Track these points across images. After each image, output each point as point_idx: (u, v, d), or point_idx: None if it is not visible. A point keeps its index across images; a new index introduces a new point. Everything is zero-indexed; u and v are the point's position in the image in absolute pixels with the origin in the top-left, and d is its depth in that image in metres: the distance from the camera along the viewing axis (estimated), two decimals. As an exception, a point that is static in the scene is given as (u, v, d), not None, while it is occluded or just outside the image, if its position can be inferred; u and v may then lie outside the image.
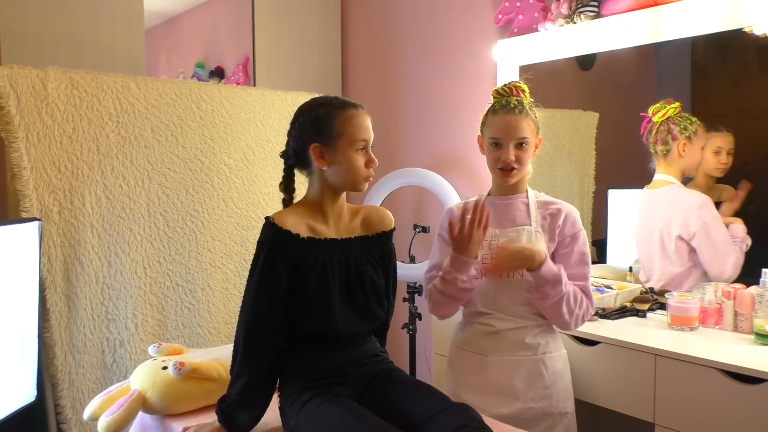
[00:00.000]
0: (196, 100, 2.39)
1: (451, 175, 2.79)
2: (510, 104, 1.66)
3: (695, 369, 1.63)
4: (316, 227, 1.47)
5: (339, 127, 1.43)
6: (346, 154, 1.43)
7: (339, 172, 1.45)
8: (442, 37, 2.91)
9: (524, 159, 1.65)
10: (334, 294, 1.45)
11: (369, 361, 1.53)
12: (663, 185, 2.14)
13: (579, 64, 2.44)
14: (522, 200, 1.71)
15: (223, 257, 2.47)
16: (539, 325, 1.67)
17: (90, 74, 2.13)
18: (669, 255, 2.10)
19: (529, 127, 1.64)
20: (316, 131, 1.44)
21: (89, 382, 2.11)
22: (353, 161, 1.43)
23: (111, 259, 2.16)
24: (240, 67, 3.40)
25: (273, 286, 1.41)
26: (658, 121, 2.12)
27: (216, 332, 2.43)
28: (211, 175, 2.43)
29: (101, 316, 2.14)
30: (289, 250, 1.41)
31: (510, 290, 1.66)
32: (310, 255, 1.43)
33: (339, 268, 1.47)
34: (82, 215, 2.09)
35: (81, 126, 2.10)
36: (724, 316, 1.87)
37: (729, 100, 2.10)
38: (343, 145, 1.43)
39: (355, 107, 1.46)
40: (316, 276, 1.43)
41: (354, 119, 1.44)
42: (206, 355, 1.79)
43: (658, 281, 2.16)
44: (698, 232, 2.01)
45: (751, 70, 2.01)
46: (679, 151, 2.09)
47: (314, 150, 1.44)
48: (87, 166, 2.11)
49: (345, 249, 1.49)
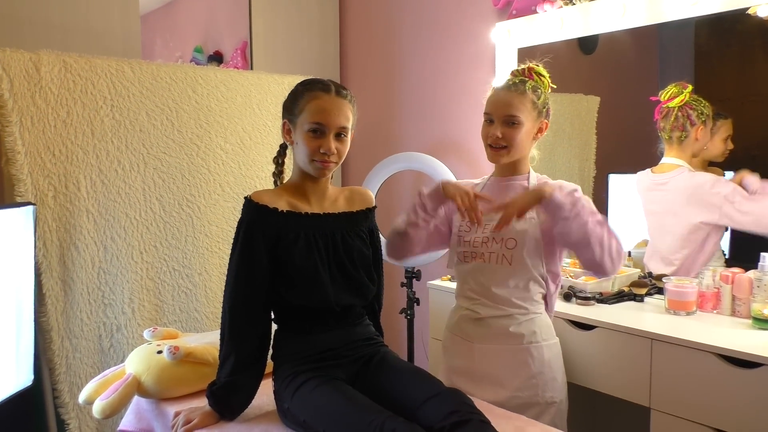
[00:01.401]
0: (191, 83, 2.37)
1: (449, 160, 2.77)
2: (511, 82, 1.63)
3: (692, 353, 1.62)
4: (297, 204, 1.48)
5: (301, 105, 1.43)
6: (302, 133, 1.43)
7: (298, 153, 1.47)
8: (441, 19, 2.88)
9: (514, 138, 1.59)
10: (320, 265, 1.45)
11: (363, 344, 1.53)
12: (672, 169, 2.08)
13: (581, 47, 2.40)
14: (522, 182, 1.67)
15: (220, 242, 2.46)
16: (525, 314, 1.62)
17: (84, 58, 2.11)
18: (685, 239, 2.05)
19: (524, 107, 1.59)
20: (288, 108, 1.48)
21: (86, 366, 2.12)
22: (305, 142, 1.42)
23: (107, 244, 2.16)
24: (238, 52, 3.37)
25: (253, 264, 1.42)
26: (675, 107, 2.05)
27: (213, 317, 2.43)
28: (208, 160, 2.42)
29: (98, 300, 2.14)
30: (268, 224, 1.42)
31: (497, 276, 1.62)
32: (291, 228, 1.44)
33: (324, 241, 1.48)
34: (77, 200, 2.08)
35: (75, 110, 2.08)
36: (722, 300, 1.86)
37: (732, 84, 2.06)
38: (300, 124, 1.43)
39: (325, 89, 1.44)
40: (300, 249, 1.43)
41: (316, 100, 1.42)
42: (201, 339, 1.79)
43: (670, 265, 2.11)
44: (726, 201, 1.91)
45: (755, 54, 1.97)
46: (696, 135, 2.04)
47: (284, 126, 1.49)
48: (82, 151, 2.09)
49: (329, 223, 1.50)
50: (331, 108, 1.42)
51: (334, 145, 1.43)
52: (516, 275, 1.61)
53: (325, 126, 1.42)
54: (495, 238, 1.62)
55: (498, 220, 1.51)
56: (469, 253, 1.66)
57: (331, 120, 1.42)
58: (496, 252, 1.62)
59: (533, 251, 1.60)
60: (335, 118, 1.43)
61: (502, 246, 1.61)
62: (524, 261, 1.60)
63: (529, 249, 1.60)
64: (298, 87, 1.48)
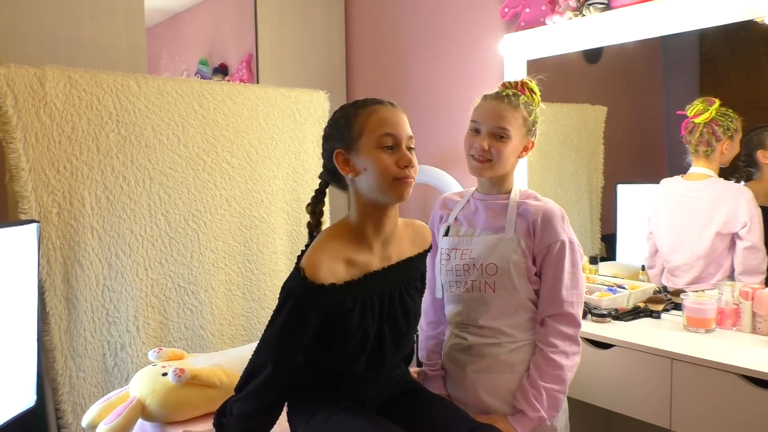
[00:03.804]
0: (197, 98, 2.34)
1: (457, 172, 2.74)
2: (503, 93, 1.56)
3: (713, 373, 1.57)
4: (357, 259, 1.27)
5: (360, 126, 1.25)
6: (371, 153, 1.23)
7: (367, 179, 1.25)
8: (448, 31, 2.86)
9: (501, 151, 1.50)
10: (371, 330, 1.29)
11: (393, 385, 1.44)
12: (704, 178, 2.09)
13: (585, 57, 2.39)
14: (503, 200, 1.57)
15: (226, 258, 2.42)
16: (514, 341, 1.52)
17: (89, 73, 2.08)
18: (699, 250, 2.06)
19: (515, 121, 1.51)
20: (338, 136, 1.28)
21: (90, 386, 2.07)
22: (379, 160, 1.22)
23: (112, 261, 2.12)
24: (244, 64, 3.36)
25: (298, 339, 1.24)
26: (701, 123, 2.05)
27: (219, 334, 2.39)
28: (214, 175, 2.38)
29: (102, 319, 2.10)
30: (323, 300, 1.23)
31: (481, 304, 1.53)
32: (347, 300, 1.26)
33: (381, 301, 1.31)
34: (81, 216, 2.05)
35: (80, 126, 2.05)
36: (742, 317, 1.81)
37: (738, 92, 2.05)
38: (366, 145, 1.24)
39: (379, 102, 1.29)
40: (352, 321, 1.27)
41: (376, 114, 1.25)
42: (208, 360, 1.75)
43: (686, 274, 2.10)
44: (750, 221, 1.95)
45: (760, 61, 1.97)
46: (722, 149, 2.05)
47: (337, 157, 1.27)
48: (86, 167, 2.06)
49: (389, 277, 1.32)
50: (396, 118, 1.27)
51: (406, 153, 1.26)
52: (501, 302, 1.52)
53: (398, 136, 1.25)
54: (475, 264, 1.53)
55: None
56: (453, 282, 1.58)
57: (400, 129, 1.26)
58: (477, 279, 1.53)
59: (516, 276, 1.50)
60: (403, 127, 1.27)
61: (483, 273, 1.52)
62: (508, 287, 1.51)
63: (511, 274, 1.50)
64: (344, 111, 1.30)
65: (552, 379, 1.45)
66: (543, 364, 1.47)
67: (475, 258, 1.53)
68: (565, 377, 1.47)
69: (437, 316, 1.70)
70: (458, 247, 1.57)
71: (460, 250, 1.56)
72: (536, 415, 1.43)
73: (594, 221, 2.50)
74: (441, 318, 1.69)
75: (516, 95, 1.55)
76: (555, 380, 1.45)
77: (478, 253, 1.53)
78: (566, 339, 1.48)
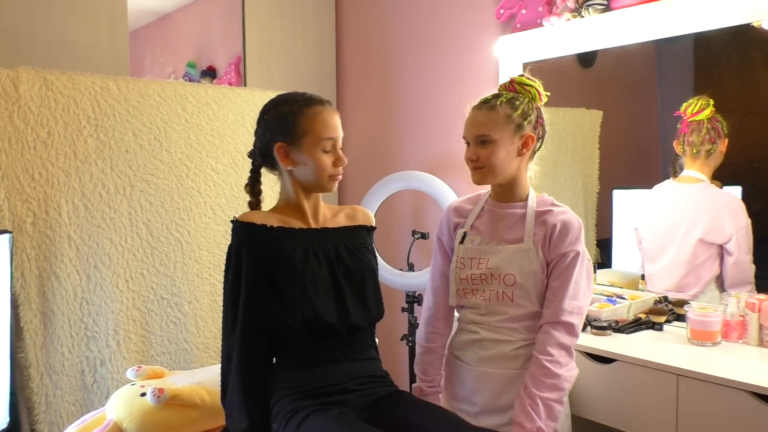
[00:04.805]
0: (181, 101, 2.25)
1: (451, 179, 2.67)
2: (483, 99, 1.55)
3: (721, 390, 1.50)
4: (291, 221, 1.42)
5: (304, 126, 1.39)
6: (313, 153, 1.39)
7: (305, 172, 1.41)
8: (442, 33, 2.79)
9: (489, 158, 1.50)
10: (319, 278, 1.38)
11: (372, 381, 1.41)
12: (696, 182, 2.04)
13: (579, 60, 2.35)
14: (520, 209, 1.56)
15: (211, 267, 2.33)
16: (526, 340, 1.52)
17: (66, 74, 1.99)
18: (682, 255, 2.02)
19: (494, 124, 1.49)
20: (280, 130, 1.40)
21: (68, 404, 1.98)
22: (319, 161, 1.39)
23: (90, 273, 2.03)
24: (232, 67, 3.29)
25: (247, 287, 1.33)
26: (705, 119, 1.99)
27: (204, 347, 2.30)
28: (198, 181, 2.30)
29: (80, 333, 2.01)
30: (259, 242, 1.35)
31: (498, 311, 1.53)
32: (285, 245, 1.37)
33: (325, 254, 1.42)
34: (58, 226, 1.96)
35: (56, 130, 1.96)
36: (749, 329, 1.74)
37: (733, 97, 2.02)
38: (309, 144, 1.39)
39: (321, 103, 1.42)
40: (296, 262, 1.36)
41: (320, 117, 1.40)
42: (189, 378, 1.67)
43: (666, 280, 2.07)
44: (737, 234, 1.91)
45: (755, 66, 1.94)
46: (722, 148, 1.99)
47: (279, 149, 1.40)
48: (63, 173, 1.98)
49: (329, 237, 1.45)
50: (336, 121, 1.43)
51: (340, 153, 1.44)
52: (518, 310, 1.52)
53: (336, 140, 1.42)
54: (493, 274, 1.52)
55: None
56: (469, 290, 1.57)
57: (338, 133, 1.43)
58: (495, 289, 1.52)
59: (534, 286, 1.50)
60: (340, 130, 1.44)
61: (501, 283, 1.51)
62: (526, 297, 1.51)
63: (530, 284, 1.50)
64: (287, 107, 1.42)
65: (549, 388, 1.43)
66: (539, 373, 1.44)
67: (492, 268, 1.52)
68: (562, 386, 1.44)
69: (441, 326, 1.67)
70: (475, 256, 1.56)
71: (476, 259, 1.55)
72: (533, 426, 1.40)
73: (590, 227, 2.48)
74: (445, 329, 1.67)
75: (496, 96, 1.53)
76: (552, 390, 1.43)
77: (495, 263, 1.52)
78: (563, 348, 1.46)
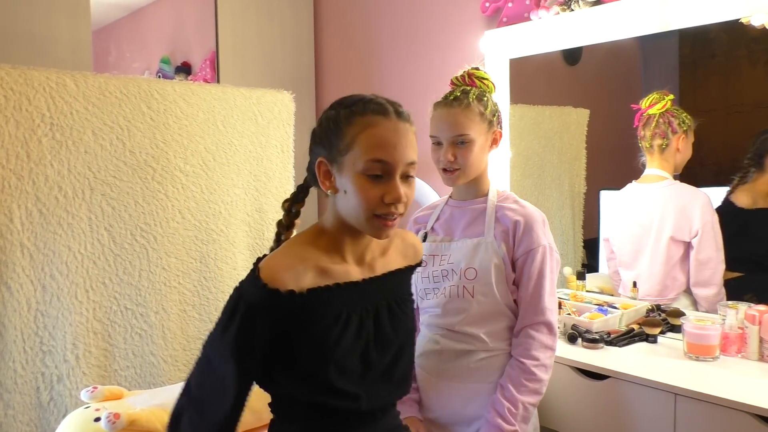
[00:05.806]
0: (145, 98, 2.10)
1: (433, 179, 2.56)
2: (451, 96, 1.49)
3: (723, 412, 1.40)
4: (332, 269, 1.06)
5: (350, 138, 1.03)
6: (354, 177, 1.02)
7: (344, 204, 1.05)
8: (425, 28, 2.69)
9: (467, 157, 1.46)
10: (349, 354, 1.05)
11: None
12: (658, 180, 2.02)
13: (565, 58, 2.29)
14: (481, 204, 1.53)
15: (180, 275, 2.19)
16: (488, 351, 1.46)
17: (17, 69, 1.84)
18: (658, 257, 1.98)
19: (471, 122, 1.45)
20: (324, 141, 1.07)
21: (21, 425, 1.83)
22: (361, 189, 1.01)
23: (46, 283, 1.88)
24: (207, 63, 3.17)
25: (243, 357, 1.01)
26: (657, 113, 1.98)
27: (172, 360, 2.16)
28: (165, 184, 2.15)
29: (35, 348, 1.86)
30: (280, 311, 1.01)
31: (459, 310, 1.47)
32: (316, 310, 1.03)
33: (361, 319, 1.07)
34: (9, 233, 1.81)
35: (7, 129, 1.81)
36: (748, 343, 1.65)
37: (717, 95, 2.02)
38: (350, 164, 1.02)
39: (384, 113, 1.05)
40: (325, 337, 1.03)
41: (372, 128, 1.02)
42: (150, 400, 1.54)
43: (644, 285, 2.04)
44: (702, 230, 1.88)
45: (740, 64, 1.94)
46: (678, 145, 1.98)
47: (319, 166, 1.07)
48: (15, 176, 1.82)
49: (372, 292, 1.10)
50: (397, 138, 1.03)
51: (403, 190, 1.03)
52: (479, 308, 1.46)
53: (392, 165, 1.02)
54: (454, 269, 1.48)
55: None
56: (430, 289, 1.53)
57: (397, 155, 1.02)
58: (456, 284, 1.48)
59: (496, 280, 1.45)
60: (403, 152, 1.03)
61: (462, 277, 1.47)
62: (487, 292, 1.46)
63: (491, 278, 1.45)
64: (341, 111, 1.07)
65: (531, 393, 1.41)
66: (523, 378, 1.41)
67: (453, 263, 1.49)
68: (542, 391, 1.44)
69: None
70: (436, 253, 1.53)
71: (438, 256, 1.52)
72: (511, 428, 1.37)
73: (576, 228, 2.44)
74: None
75: (465, 92, 1.48)
76: (533, 394, 1.41)
77: (456, 258, 1.49)
78: (548, 350, 1.44)
